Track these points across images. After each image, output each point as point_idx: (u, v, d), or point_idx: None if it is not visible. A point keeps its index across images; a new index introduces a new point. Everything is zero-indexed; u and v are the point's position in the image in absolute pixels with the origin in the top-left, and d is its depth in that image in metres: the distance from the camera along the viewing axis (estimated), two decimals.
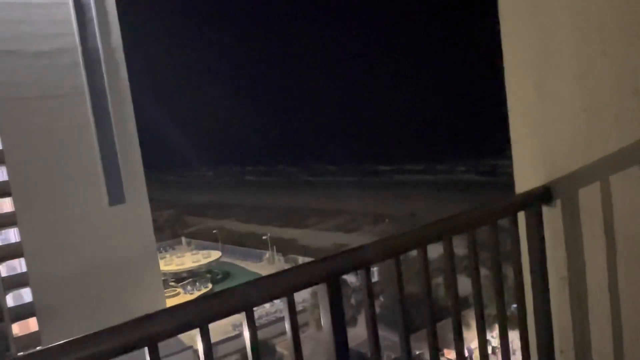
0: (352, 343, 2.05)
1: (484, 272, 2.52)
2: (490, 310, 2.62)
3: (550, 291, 2.69)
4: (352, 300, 39.68)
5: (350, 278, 39.07)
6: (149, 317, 1.53)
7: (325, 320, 1.94)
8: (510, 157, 2.83)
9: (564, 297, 2.68)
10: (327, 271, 1.91)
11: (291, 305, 1.82)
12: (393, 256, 2.12)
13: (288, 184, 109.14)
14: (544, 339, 2.70)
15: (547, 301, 2.69)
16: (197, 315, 1.62)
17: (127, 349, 1.48)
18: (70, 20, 44.75)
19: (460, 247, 2.44)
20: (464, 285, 2.49)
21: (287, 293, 1.81)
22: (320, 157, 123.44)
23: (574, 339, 2.68)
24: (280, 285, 1.82)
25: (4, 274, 42.52)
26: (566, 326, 2.69)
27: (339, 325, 1.94)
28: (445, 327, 2.82)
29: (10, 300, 42.73)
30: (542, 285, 2.69)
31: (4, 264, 42.67)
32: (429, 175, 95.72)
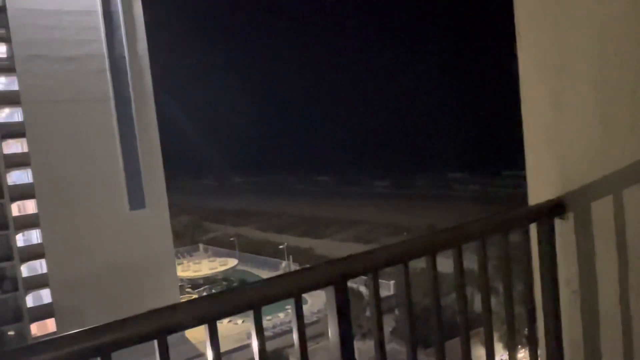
0: (370, 355, 2.06)
1: (497, 285, 2.52)
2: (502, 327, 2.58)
3: (561, 305, 2.66)
4: (368, 313, 39.37)
5: (362, 289, 38.86)
6: (158, 311, 1.57)
7: (332, 322, 1.96)
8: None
9: (575, 311, 2.65)
10: (335, 274, 1.93)
11: (298, 306, 1.85)
12: (402, 262, 2.12)
13: (308, 193, 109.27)
14: (554, 354, 2.67)
15: (557, 315, 2.66)
16: (206, 311, 1.66)
17: (137, 341, 1.53)
18: (99, 27, 45.79)
19: (474, 262, 2.44)
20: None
21: (295, 294, 1.83)
22: (337, 168, 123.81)
23: (585, 354, 2.65)
24: (288, 286, 1.84)
25: (25, 275, 43.33)
26: (576, 341, 2.66)
27: (346, 327, 1.96)
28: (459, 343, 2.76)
29: (30, 300, 43.47)
30: (553, 299, 2.66)
31: (26, 264, 43.48)
32: (452, 188, 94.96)
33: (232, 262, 67.69)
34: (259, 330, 1.76)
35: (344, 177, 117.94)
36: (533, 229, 2.64)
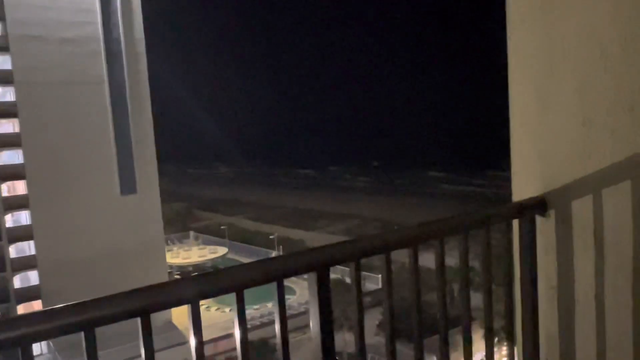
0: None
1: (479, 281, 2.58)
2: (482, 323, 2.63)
3: (539, 300, 2.73)
4: None
5: None
6: (142, 289, 1.61)
7: (313, 308, 2.01)
8: None
9: (552, 307, 2.72)
10: (317, 261, 1.98)
11: (280, 291, 1.90)
12: (384, 252, 2.17)
13: (300, 186, 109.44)
14: (530, 348, 2.74)
15: (535, 310, 2.73)
16: (189, 291, 1.70)
17: (121, 317, 1.57)
18: (95, 9, 45.37)
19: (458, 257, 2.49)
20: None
21: (278, 278, 1.88)
22: (331, 161, 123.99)
23: (560, 349, 2.72)
24: (271, 270, 1.89)
25: (13, 256, 43.14)
26: (553, 336, 2.74)
27: (326, 314, 2.01)
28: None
29: (17, 281, 43.32)
30: (531, 294, 2.73)
31: (14, 245, 43.28)
32: (447, 185, 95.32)
33: (222, 251, 67.71)
34: (242, 313, 1.81)
35: (330, 171, 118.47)
36: (515, 225, 2.71)
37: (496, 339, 2.80)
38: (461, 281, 2.51)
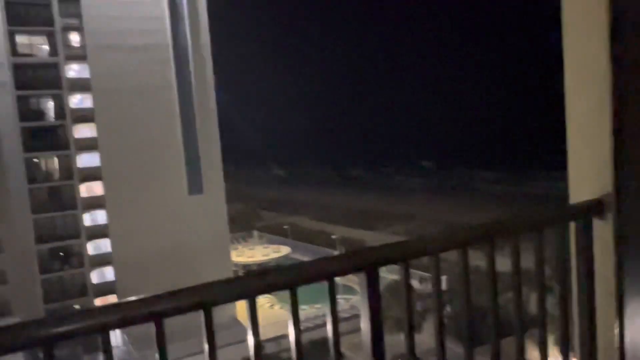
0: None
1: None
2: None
3: (597, 307, 2.67)
4: (419, 307, 39.05)
5: (415, 284, 38.54)
6: (203, 285, 1.76)
7: (363, 306, 2.09)
8: None
9: (610, 315, 2.65)
10: (368, 261, 2.05)
11: (332, 289, 1.99)
12: (433, 253, 2.21)
13: (352, 186, 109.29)
14: (587, 358, 2.68)
15: (592, 318, 2.66)
16: (246, 288, 1.84)
17: (184, 311, 1.73)
18: (164, 17, 47.40)
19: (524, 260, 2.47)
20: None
21: (329, 277, 1.98)
22: (381, 162, 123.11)
23: (619, 359, 2.65)
24: (322, 270, 1.99)
25: (90, 253, 45.90)
26: (611, 346, 2.66)
27: (375, 313, 2.08)
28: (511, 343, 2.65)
29: (94, 277, 46.03)
30: (589, 300, 2.67)
31: (92, 243, 46.02)
32: (498, 186, 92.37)
33: (285, 250, 68.73)
34: (295, 309, 1.93)
35: (381, 172, 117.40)
36: (572, 228, 2.66)
37: (551, 349, 2.72)
38: (513, 289, 2.49)
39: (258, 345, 1.85)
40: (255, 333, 1.85)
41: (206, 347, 1.78)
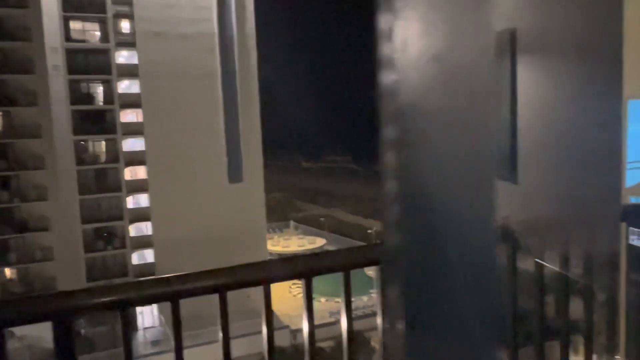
0: None
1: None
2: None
3: None
4: None
5: None
6: (220, 270, 1.79)
7: (379, 299, 2.09)
8: None
9: None
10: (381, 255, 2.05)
11: (347, 280, 1.99)
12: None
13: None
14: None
15: None
16: (261, 274, 1.86)
17: (200, 293, 1.77)
18: (211, 7, 48.00)
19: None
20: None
21: (345, 268, 1.98)
22: None
23: None
24: (338, 261, 1.99)
25: (132, 235, 47.33)
26: None
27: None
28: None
29: (135, 258, 47.48)
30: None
31: (134, 225, 47.44)
32: None
33: (320, 242, 69.08)
34: (309, 298, 1.94)
35: None
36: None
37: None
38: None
39: (270, 335, 1.87)
40: (269, 320, 1.87)
41: (220, 330, 1.81)
